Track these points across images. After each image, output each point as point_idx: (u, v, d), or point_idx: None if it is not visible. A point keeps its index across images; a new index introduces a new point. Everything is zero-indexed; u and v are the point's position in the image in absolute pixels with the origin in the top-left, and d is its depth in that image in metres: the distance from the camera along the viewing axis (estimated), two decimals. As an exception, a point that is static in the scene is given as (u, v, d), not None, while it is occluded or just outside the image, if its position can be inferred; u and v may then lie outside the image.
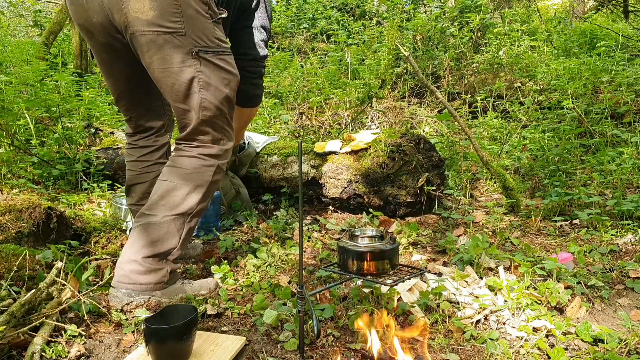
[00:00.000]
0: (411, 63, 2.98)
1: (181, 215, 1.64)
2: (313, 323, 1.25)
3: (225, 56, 1.68)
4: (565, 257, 1.87)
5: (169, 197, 1.65)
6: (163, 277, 1.62)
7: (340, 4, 7.93)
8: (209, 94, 1.63)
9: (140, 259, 1.60)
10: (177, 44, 1.57)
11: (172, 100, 1.66)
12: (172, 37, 1.57)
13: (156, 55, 1.59)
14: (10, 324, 1.29)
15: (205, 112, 1.64)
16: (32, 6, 7.38)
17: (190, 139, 1.69)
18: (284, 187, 2.87)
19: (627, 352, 1.34)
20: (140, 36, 1.57)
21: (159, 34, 1.56)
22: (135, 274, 1.59)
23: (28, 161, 3.15)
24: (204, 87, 1.62)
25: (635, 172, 2.90)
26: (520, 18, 6.23)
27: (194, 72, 1.60)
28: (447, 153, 3.37)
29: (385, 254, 1.39)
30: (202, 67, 1.61)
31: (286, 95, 5.00)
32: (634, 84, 3.70)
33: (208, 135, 1.68)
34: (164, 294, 1.63)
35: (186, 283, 1.71)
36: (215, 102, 1.65)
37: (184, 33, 1.57)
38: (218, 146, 1.71)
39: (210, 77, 1.63)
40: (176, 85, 1.61)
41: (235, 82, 1.72)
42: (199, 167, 1.67)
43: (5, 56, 4.58)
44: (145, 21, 1.54)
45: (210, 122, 1.67)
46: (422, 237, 2.33)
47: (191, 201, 1.65)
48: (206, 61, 1.61)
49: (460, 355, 1.34)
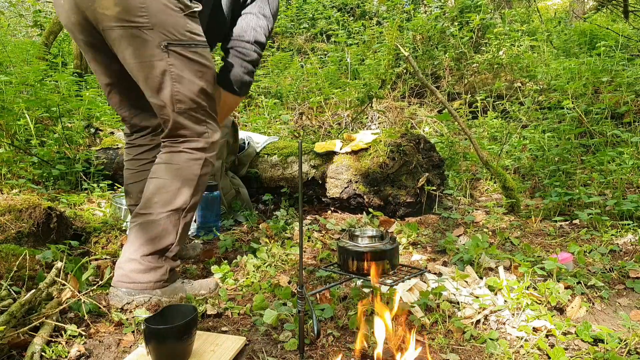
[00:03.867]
0: (411, 63, 2.98)
1: (175, 210, 1.65)
2: (313, 323, 1.25)
3: (199, 49, 1.67)
4: (565, 257, 1.87)
5: (161, 194, 1.66)
6: (163, 276, 1.62)
7: (340, 4, 7.93)
8: (182, 86, 1.63)
9: (139, 258, 1.60)
10: (146, 37, 1.59)
11: (148, 95, 1.68)
12: (139, 31, 1.58)
13: (127, 49, 1.61)
14: (10, 324, 1.29)
15: (179, 105, 1.64)
16: (32, 6, 7.37)
17: (173, 135, 1.70)
18: (284, 187, 2.87)
19: (627, 352, 1.34)
20: (110, 32, 1.60)
21: (127, 28, 1.58)
22: (134, 273, 1.60)
23: (28, 161, 3.15)
24: (177, 80, 1.63)
25: (635, 172, 2.90)
26: (520, 18, 6.24)
27: (165, 66, 1.61)
28: (447, 153, 3.37)
29: (385, 254, 1.39)
30: (173, 60, 1.61)
31: (286, 95, 5.00)
32: (634, 84, 3.70)
33: (189, 129, 1.68)
34: (164, 293, 1.63)
35: (186, 283, 1.72)
36: (188, 94, 1.64)
37: (151, 27, 1.58)
38: (203, 139, 1.70)
39: (182, 70, 1.63)
40: (149, 78, 1.63)
41: (211, 74, 1.71)
42: (186, 161, 1.68)
43: (5, 56, 4.59)
44: (112, 17, 1.58)
45: (187, 115, 1.66)
46: (422, 237, 2.33)
47: (183, 196, 1.66)
48: (177, 54, 1.61)
49: (460, 355, 1.34)
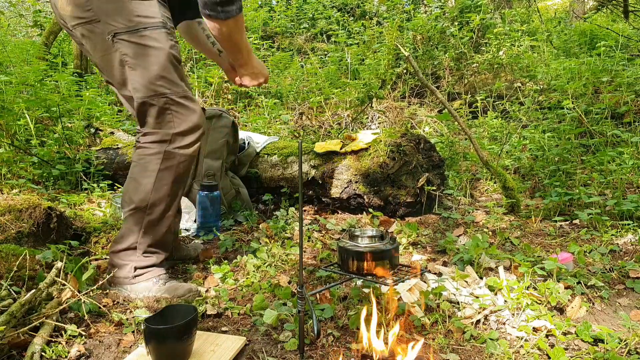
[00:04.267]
0: (411, 63, 2.98)
1: (137, 209, 1.65)
2: (313, 323, 1.25)
3: (148, 32, 1.58)
4: (565, 257, 1.87)
5: (126, 192, 1.68)
6: (128, 273, 1.66)
7: (340, 4, 7.93)
8: (136, 74, 1.60)
9: (110, 254, 1.70)
10: (98, 31, 1.59)
11: (117, 89, 1.68)
12: (91, 25, 1.59)
13: (88, 46, 1.63)
14: (10, 324, 1.29)
15: (137, 94, 1.61)
16: (32, 6, 7.38)
17: (141, 129, 1.67)
18: (284, 187, 2.87)
19: (627, 352, 1.34)
20: (74, 31, 1.64)
21: (82, 25, 1.60)
22: (111, 267, 1.70)
23: (28, 161, 3.15)
24: (132, 67, 1.60)
25: (635, 172, 2.90)
26: (520, 18, 6.23)
27: (120, 56, 1.60)
28: (447, 153, 3.37)
29: (385, 254, 1.39)
30: (124, 49, 1.59)
31: (286, 95, 5.00)
32: (634, 84, 3.70)
33: (149, 119, 1.63)
34: (167, 290, 1.65)
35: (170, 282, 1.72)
36: (143, 81, 1.60)
37: (98, 20, 1.58)
38: (162, 130, 1.63)
39: (135, 57, 1.59)
40: (112, 72, 1.63)
41: (165, 54, 1.60)
42: (142, 157, 1.65)
43: (5, 56, 4.59)
44: (68, 16, 1.61)
45: (146, 104, 1.61)
46: (422, 237, 2.33)
47: (141, 194, 1.64)
48: (127, 42, 1.58)
49: (460, 355, 1.34)
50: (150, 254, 1.69)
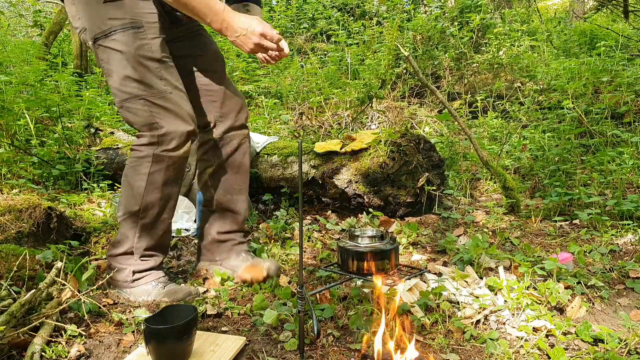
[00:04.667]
0: (411, 63, 2.98)
1: (130, 213, 1.65)
2: (313, 323, 1.25)
3: (117, 34, 1.54)
4: (565, 257, 1.87)
5: (122, 197, 1.69)
6: (126, 277, 1.67)
7: (340, 4, 7.93)
8: (112, 79, 1.60)
9: (108, 257, 1.71)
10: (88, 39, 1.61)
11: None
12: (84, 34, 1.62)
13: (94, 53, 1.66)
14: (10, 324, 1.29)
15: (115, 100, 1.62)
16: (32, 6, 7.38)
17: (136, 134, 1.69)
18: (284, 187, 2.87)
19: (627, 352, 1.34)
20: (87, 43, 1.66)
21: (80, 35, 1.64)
22: (109, 269, 1.71)
23: (28, 161, 3.15)
24: (107, 73, 1.61)
25: (635, 172, 2.90)
26: (520, 18, 6.23)
27: (101, 62, 1.62)
28: (447, 153, 3.37)
29: (385, 254, 1.39)
30: (101, 54, 1.59)
31: (286, 95, 5.00)
32: (634, 84, 3.70)
33: (134, 123, 1.62)
34: (166, 294, 1.64)
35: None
36: (116, 85, 1.59)
37: (85, 27, 1.60)
38: (149, 132, 1.59)
39: (109, 62, 1.59)
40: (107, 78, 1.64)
41: (130, 56, 1.54)
42: (132, 161, 1.65)
43: (5, 56, 4.59)
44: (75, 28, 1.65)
45: (125, 108, 1.60)
46: (422, 237, 2.33)
47: (133, 198, 1.64)
48: (102, 47, 1.58)
49: (460, 355, 1.34)
50: (147, 257, 1.69)
